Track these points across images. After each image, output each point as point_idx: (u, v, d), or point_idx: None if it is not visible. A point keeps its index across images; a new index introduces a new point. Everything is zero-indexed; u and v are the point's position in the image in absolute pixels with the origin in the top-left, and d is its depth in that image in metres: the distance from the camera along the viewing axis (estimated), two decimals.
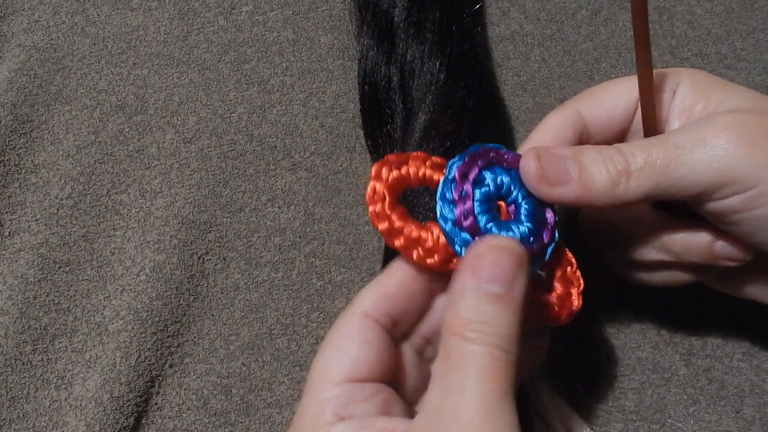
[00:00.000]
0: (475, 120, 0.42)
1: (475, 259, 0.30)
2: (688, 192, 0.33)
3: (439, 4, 0.45)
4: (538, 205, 0.34)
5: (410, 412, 0.33)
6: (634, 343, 0.42)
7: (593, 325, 0.43)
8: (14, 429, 0.40)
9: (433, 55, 0.43)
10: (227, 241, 0.43)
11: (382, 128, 0.44)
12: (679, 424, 0.40)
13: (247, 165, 0.45)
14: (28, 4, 0.47)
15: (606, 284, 0.39)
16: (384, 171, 0.33)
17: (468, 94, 0.43)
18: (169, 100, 0.46)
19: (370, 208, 0.33)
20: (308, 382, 0.32)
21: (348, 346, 0.32)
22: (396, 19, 0.45)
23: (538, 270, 0.35)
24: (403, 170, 0.34)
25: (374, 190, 0.33)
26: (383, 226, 0.33)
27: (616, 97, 0.38)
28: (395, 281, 0.34)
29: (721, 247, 0.36)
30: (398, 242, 0.33)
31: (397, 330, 0.34)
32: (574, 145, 0.37)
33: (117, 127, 0.45)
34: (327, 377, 0.32)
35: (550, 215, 0.34)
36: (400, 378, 0.34)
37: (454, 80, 0.43)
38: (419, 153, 0.34)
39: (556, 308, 0.34)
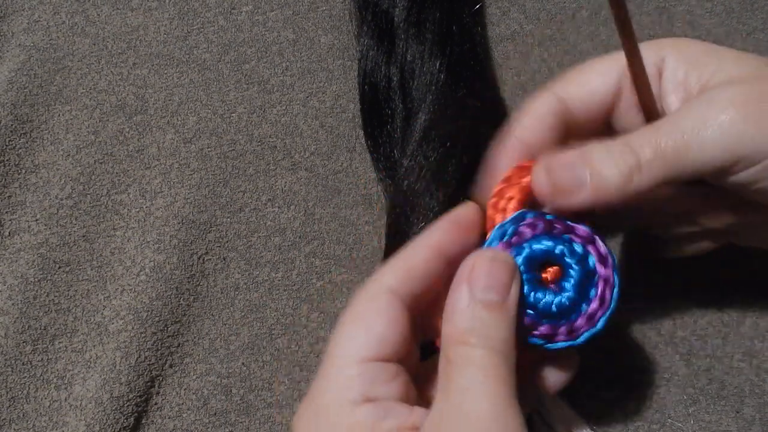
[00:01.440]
0: (475, 120, 0.42)
1: (470, 271, 0.31)
2: (700, 174, 0.32)
3: (439, 4, 0.45)
4: (583, 297, 0.33)
5: (423, 402, 0.33)
6: (634, 343, 0.42)
7: None
8: (14, 429, 0.40)
9: (433, 55, 0.43)
10: (227, 241, 0.43)
11: (382, 128, 0.44)
12: (679, 424, 0.40)
13: (247, 165, 0.45)
14: (28, 4, 0.47)
15: None
16: (514, 177, 0.35)
17: (468, 94, 0.43)
18: (169, 100, 0.46)
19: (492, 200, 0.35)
20: (329, 356, 0.31)
21: (374, 323, 0.31)
22: (396, 19, 0.45)
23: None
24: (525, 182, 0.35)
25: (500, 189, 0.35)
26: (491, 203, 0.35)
27: (598, 76, 0.36)
28: (421, 259, 0.33)
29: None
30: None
31: (417, 311, 0.33)
32: (557, 129, 0.36)
33: (117, 127, 0.45)
34: (352, 353, 0.31)
35: (595, 305, 0.33)
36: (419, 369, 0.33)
37: (454, 80, 0.43)
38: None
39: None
